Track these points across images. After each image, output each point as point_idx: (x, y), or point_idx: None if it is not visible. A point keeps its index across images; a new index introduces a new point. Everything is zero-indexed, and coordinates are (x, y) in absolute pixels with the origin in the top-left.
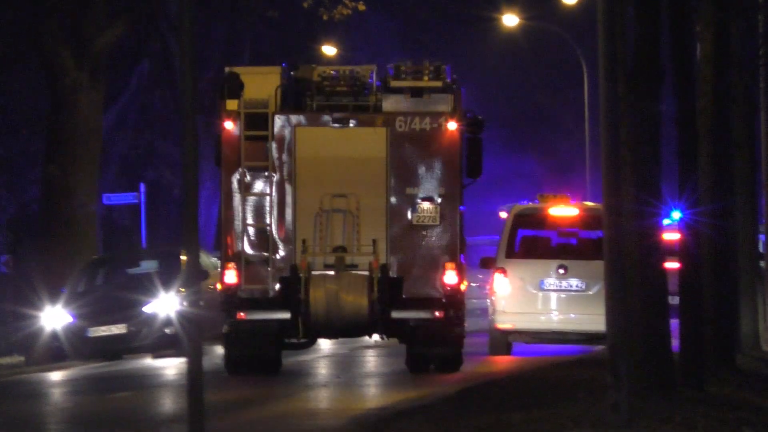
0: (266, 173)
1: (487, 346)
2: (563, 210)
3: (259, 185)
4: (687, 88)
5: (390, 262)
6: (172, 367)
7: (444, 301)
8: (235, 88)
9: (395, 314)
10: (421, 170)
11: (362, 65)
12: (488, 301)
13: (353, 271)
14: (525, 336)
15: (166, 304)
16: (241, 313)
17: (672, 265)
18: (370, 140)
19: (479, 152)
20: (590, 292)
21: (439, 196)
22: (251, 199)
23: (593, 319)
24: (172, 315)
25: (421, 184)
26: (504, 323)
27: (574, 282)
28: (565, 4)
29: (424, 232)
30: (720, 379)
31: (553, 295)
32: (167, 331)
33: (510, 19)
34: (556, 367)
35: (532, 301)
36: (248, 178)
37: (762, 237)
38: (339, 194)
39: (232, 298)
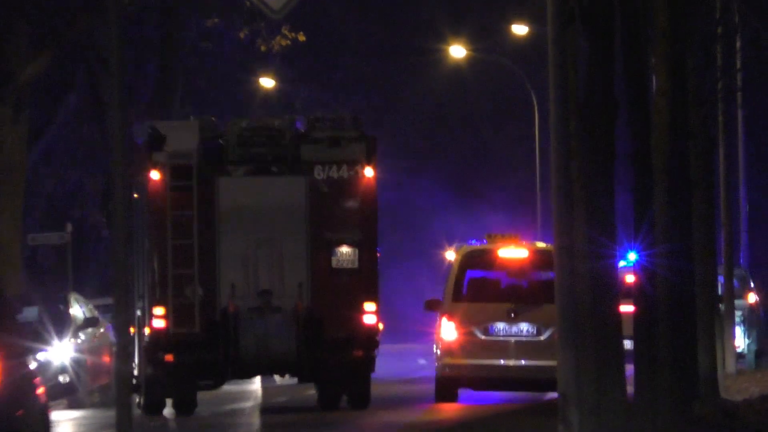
0: (191, 221)
1: (434, 393)
2: (513, 251)
3: (184, 232)
4: (641, 122)
5: (312, 304)
6: (68, 420)
7: (362, 340)
8: (160, 141)
9: (317, 354)
10: (340, 216)
11: (282, 116)
12: (434, 346)
13: (278, 314)
14: (473, 383)
15: (59, 352)
16: (169, 356)
17: (627, 308)
18: (289, 188)
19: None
20: (541, 338)
21: (357, 240)
22: (177, 245)
23: (544, 366)
24: (66, 363)
25: (339, 230)
26: (451, 370)
27: (525, 327)
28: (515, 36)
29: (344, 276)
30: (677, 428)
31: (503, 341)
32: (61, 379)
33: (457, 51)
34: (505, 416)
35: (481, 348)
36: (174, 226)
37: (721, 278)
38: (262, 240)
39: (159, 342)
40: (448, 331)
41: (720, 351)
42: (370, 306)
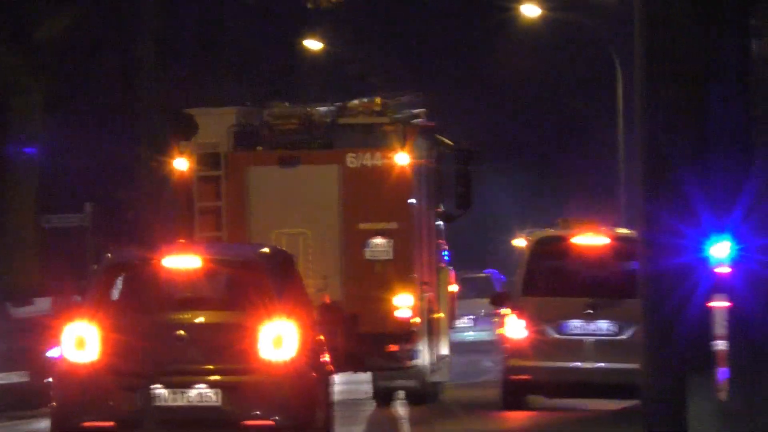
0: (219, 212)
1: (500, 399)
2: (591, 239)
3: (212, 224)
4: (742, 94)
5: (343, 297)
6: None
7: (396, 335)
8: (189, 128)
9: (349, 348)
10: (374, 206)
11: (316, 103)
12: (500, 346)
13: None
14: (543, 388)
15: None
16: None
17: (721, 304)
18: (321, 177)
19: (468, 183)
20: (623, 337)
21: (392, 231)
22: (204, 237)
23: (626, 369)
24: None
25: (373, 220)
26: (519, 373)
27: (604, 324)
28: None
29: (377, 267)
30: None
31: (578, 340)
32: None
33: (530, 10)
34: (580, 425)
35: (553, 348)
36: (201, 217)
37: None
38: (293, 233)
39: None
40: (515, 328)
41: None
42: (404, 299)
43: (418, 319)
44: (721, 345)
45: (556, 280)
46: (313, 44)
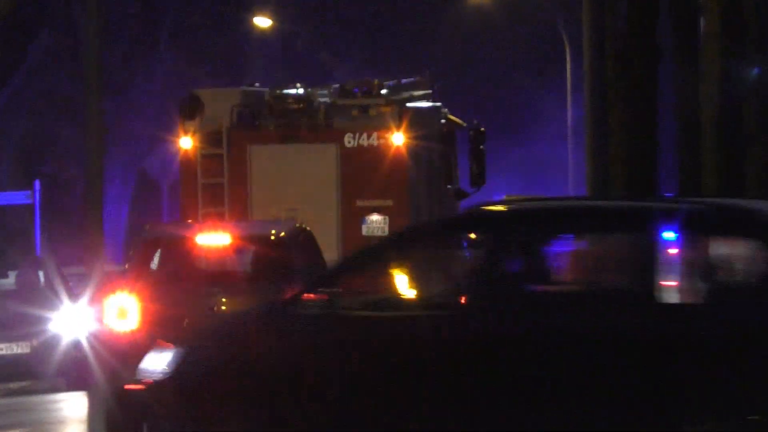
0: (222, 188)
1: None
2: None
3: (215, 200)
4: (688, 70)
5: None
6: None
7: None
8: (195, 109)
9: None
10: (370, 184)
11: (316, 85)
12: None
13: None
14: None
15: (71, 321)
16: None
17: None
18: (320, 156)
19: (481, 161)
20: None
21: (388, 208)
22: (208, 213)
23: None
24: (81, 335)
25: (370, 198)
26: None
27: None
28: None
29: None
30: None
31: None
32: (75, 353)
33: None
34: None
35: None
36: (205, 193)
37: None
38: (292, 208)
39: None
40: None
41: None
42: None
43: None
44: None
45: None
46: (263, 22)
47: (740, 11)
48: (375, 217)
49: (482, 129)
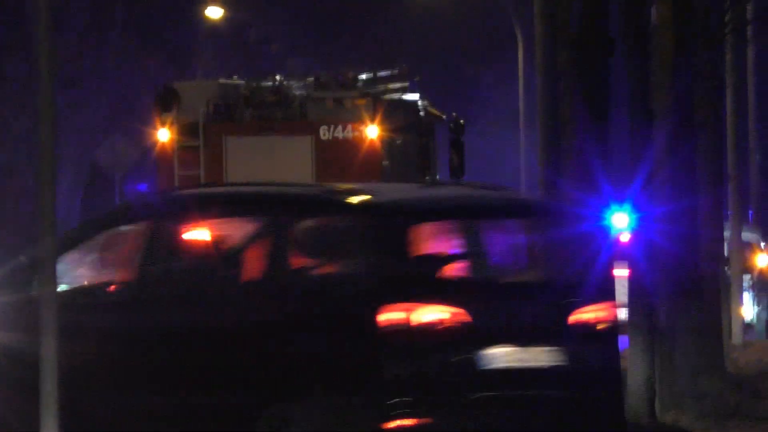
0: (198, 180)
1: None
2: None
3: None
4: (640, 60)
5: None
6: None
7: None
8: (171, 101)
9: None
10: (345, 176)
11: (292, 77)
12: None
13: None
14: None
15: None
16: None
17: (622, 272)
18: (295, 148)
19: (460, 153)
20: None
21: None
22: None
23: None
24: None
25: None
26: None
27: None
28: None
29: None
30: (679, 403)
31: None
32: None
33: None
34: None
35: None
36: (182, 184)
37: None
38: None
39: None
40: None
41: (725, 320)
42: None
43: None
44: (622, 313)
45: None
46: (214, 12)
47: (691, 0)
48: None
49: (461, 121)
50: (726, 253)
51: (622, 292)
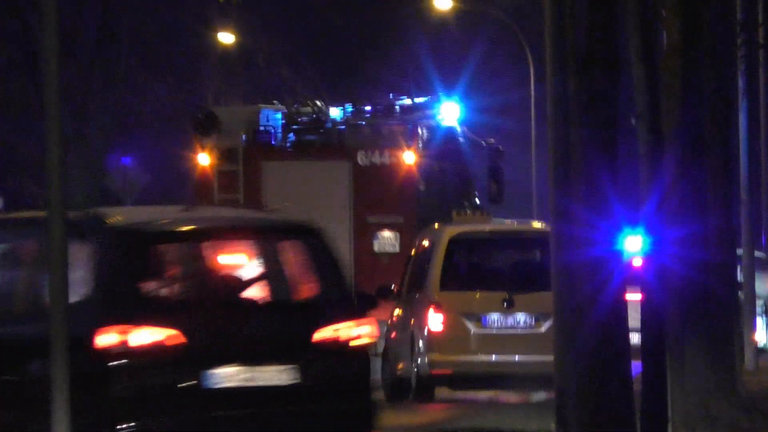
0: (238, 204)
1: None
2: (508, 232)
3: None
4: (649, 84)
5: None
6: None
7: None
8: (212, 126)
9: None
10: (382, 201)
11: (331, 104)
12: (413, 339)
13: None
14: (462, 381)
15: None
16: None
17: (635, 296)
18: (334, 174)
19: (500, 179)
20: (541, 330)
21: (398, 224)
22: None
23: (543, 362)
24: None
25: (381, 214)
26: (438, 367)
27: (521, 318)
28: None
29: (385, 260)
30: (692, 428)
31: (497, 334)
32: None
33: (442, 2)
34: (493, 416)
35: (475, 342)
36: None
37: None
38: None
39: None
40: (435, 323)
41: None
42: None
43: None
44: (634, 338)
45: (474, 274)
46: (226, 37)
47: (701, 25)
48: (386, 234)
49: (500, 148)
50: (739, 277)
51: (634, 316)
